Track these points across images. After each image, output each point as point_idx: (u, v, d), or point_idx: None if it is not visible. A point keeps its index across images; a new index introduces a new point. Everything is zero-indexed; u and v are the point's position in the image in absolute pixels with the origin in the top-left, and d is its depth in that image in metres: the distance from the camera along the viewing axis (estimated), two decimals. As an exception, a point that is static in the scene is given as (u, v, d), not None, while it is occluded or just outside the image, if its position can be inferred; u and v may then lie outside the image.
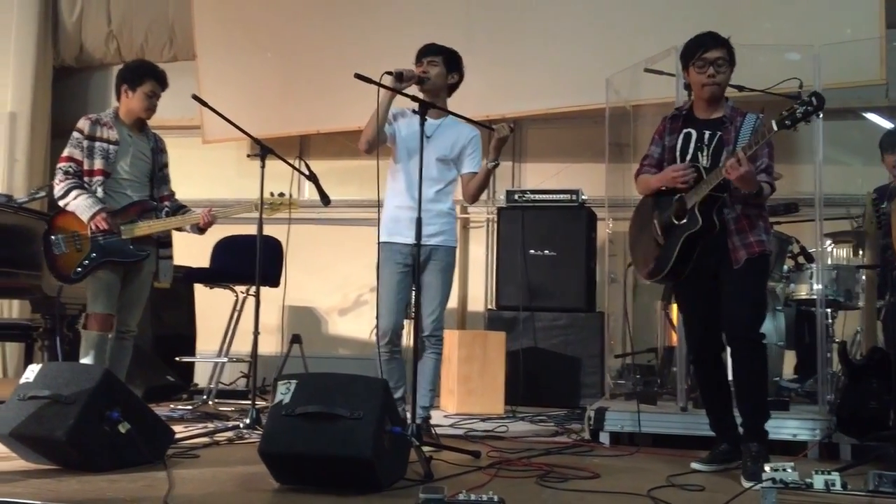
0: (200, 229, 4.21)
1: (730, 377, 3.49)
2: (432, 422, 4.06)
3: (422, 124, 3.71)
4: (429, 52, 4.01)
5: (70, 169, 4.05)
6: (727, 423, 3.50)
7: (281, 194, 4.25)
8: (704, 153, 3.38)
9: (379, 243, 4.02)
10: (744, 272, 3.30)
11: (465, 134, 4.05)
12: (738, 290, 3.32)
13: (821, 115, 3.07)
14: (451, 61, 4.03)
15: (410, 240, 3.74)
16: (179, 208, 4.32)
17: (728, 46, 3.37)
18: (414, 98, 3.81)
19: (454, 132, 4.03)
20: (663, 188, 3.46)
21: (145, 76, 4.16)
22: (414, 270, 3.79)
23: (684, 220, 3.34)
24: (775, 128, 3.06)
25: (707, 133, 3.39)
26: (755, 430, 3.31)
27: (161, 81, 4.22)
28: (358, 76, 3.59)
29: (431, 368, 3.97)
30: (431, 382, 3.99)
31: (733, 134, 3.33)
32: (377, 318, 3.96)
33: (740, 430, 3.40)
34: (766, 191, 3.30)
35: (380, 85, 3.72)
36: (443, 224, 3.99)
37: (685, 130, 3.46)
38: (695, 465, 3.46)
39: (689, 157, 3.41)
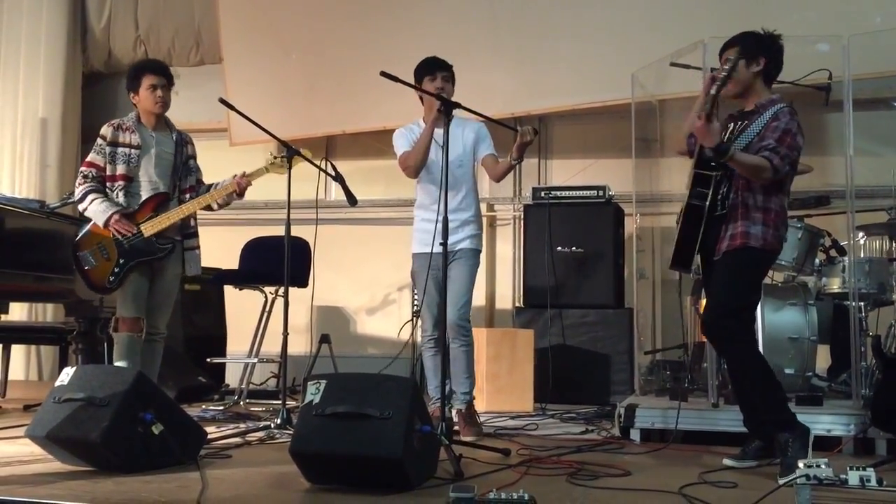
0: (238, 196, 4.18)
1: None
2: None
3: (446, 124, 3.75)
4: (443, 66, 4.13)
5: (90, 174, 4.11)
6: (760, 418, 3.46)
7: (282, 157, 4.18)
8: (735, 143, 3.35)
9: (413, 254, 4.27)
10: (721, 264, 3.33)
11: (471, 131, 4.23)
12: (712, 283, 3.36)
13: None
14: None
15: (439, 249, 3.80)
16: (207, 189, 4.29)
17: (738, 44, 3.31)
18: (437, 96, 3.87)
19: (460, 132, 4.16)
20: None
21: (140, 72, 4.19)
22: (443, 272, 3.86)
23: None
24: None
25: (740, 123, 3.43)
26: (775, 421, 3.27)
27: (159, 72, 4.20)
28: (384, 74, 3.60)
29: (463, 357, 4.14)
30: (467, 370, 4.15)
31: (755, 122, 3.35)
32: (421, 317, 4.25)
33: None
34: (762, 164, 3.19)
35: (404, 83, 3.73)
36: (469, 230, 4.21)
37: (729, 124, 3.49)
38: (727, 462, 3.43)
39: None
